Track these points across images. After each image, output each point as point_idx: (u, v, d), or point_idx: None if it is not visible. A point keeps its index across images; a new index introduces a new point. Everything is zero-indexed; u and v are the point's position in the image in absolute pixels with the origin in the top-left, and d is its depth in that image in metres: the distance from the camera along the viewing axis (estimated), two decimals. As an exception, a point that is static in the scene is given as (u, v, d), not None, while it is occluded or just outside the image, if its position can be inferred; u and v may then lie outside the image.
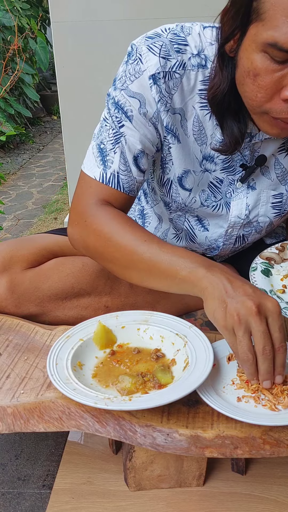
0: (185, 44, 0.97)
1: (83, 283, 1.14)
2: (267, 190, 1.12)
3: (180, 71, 0.97)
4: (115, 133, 1.02)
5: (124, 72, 1.00)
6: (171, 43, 0.97)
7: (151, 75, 0.96)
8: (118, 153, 1.02)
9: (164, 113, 1.00)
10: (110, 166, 1.02)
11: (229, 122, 0.98)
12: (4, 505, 0.98)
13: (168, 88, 0.98)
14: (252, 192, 1.12)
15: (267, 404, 0.85)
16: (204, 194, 1.11)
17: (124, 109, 1.00)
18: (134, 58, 0.97)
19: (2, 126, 2.11)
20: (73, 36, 1.99)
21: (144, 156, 1.03)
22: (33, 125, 5.56)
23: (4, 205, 3.29)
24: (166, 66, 0.96)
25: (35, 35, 4.07)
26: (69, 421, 0.88)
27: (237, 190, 1.12)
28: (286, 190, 1.13)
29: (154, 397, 0.83)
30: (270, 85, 0.84)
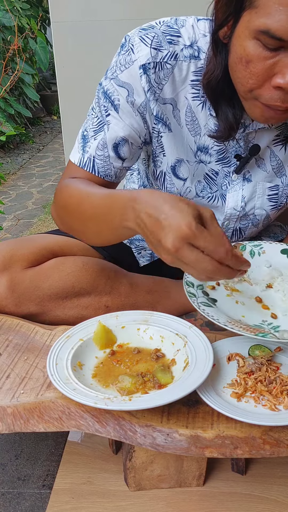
0: (177, 35, 0.99)
1: (84, 282, 1.14)
2: (263, 182, 1.13)
3: (172, 61, 0.99)
4: (100, 121, 1.06)
5: (116, 63, 1.02)
6: (163, 34, 0.98)
7: (142, 65, 0.98)
8: (98, 139, 1.06)
9: (154, 102, 1.01)
10: (88, 151, 1.07)
11: (223, 108, 0.99)
12: (4, 505, 0.98)
13: (159, 79, 1.00)
14: (248, 184, 1.12)
15: (267, 404, 0.85)
16: (200, 185, 1.12)
17: (112, 98, 1.03)
18: (126, 49, 1.00)
19: (2, 126, 2.11)
20: (73, 36, 1.99)
21: (126, 144, 1.05)
22: (33, 125, 5.56)
23: (4, 205, 3.29)
24: (157, 56, 0.98)
25: (35, 35, 4.07)
26: (69, 421, 0.88)
27: (232, 182, 1.12)
28: (282, 182, 1.13)
29: (154, 397, 0.83)
30: (262, 72, 0.85)
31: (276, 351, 0.97)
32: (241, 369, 0.92)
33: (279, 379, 0.89)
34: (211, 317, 0.87)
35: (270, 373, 0.91)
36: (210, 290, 0.98)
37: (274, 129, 1.07)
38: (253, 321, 0.92)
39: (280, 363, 0.94)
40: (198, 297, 0.95)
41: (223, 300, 0.97)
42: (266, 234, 1.34)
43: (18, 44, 2.36)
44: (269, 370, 0.91)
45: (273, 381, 0.89)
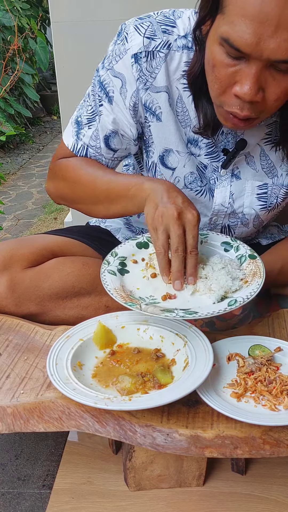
0: (172, 26, 1.00)
1: (84, 282, 1.14)
2: (252, 181, 1.13)
3: (165, 50, 1.00)
4: (93, 111, 1.09)
5: (112, 52, 1.04)
6: (158, 24, 1.00)
7: (134, 54, 1.00)
8: (92, 129, 1.11)
9: (143, 91, 1.03)
10: (82, 139, 1.13)
11: (204, 104, 0.99)
12: (4, 505, 0.98)
13: (151, 67, 1.01)
14: (236, 181, 1.12)
15: (267, 404, 0.85)
16: (192, 176, 1.12)
17: (107, 89, 1.06)
18: (121, 38, 1.02)
19: (2, 126, 2.11)
20: (73, 36, 1.99)
21: (116, 136, 1.10)
22: (33, 125, 5.56)
23: (4, 205, 3.29)
24: (149, 46, 1.00)
25: (35, 35, 4.07)
26: (69, 421, 0.88)
27: (221, 178, 1.12)
28: (273, 182, 1.13)
29: (154, 397, 0.83)
30: (224, 79, 0.86)
31: (276, 351, 0.97)
32: (241, 369, 0.92)
33: (279, 379, 0.89)
34: (104, 282, 0.96)
35: (270, 373, 0.91)
36: (131, 263, 1.03)
37: (265, 126, 1.07)
38: (141, 294, 0.95)
39: (280, 363, 0.94)
40: (110, 265, 1.01)
41: (134, 273, 1.01)
42: (263, 235, 1.34)
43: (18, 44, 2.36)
44: (269, 370, 0.91)
45: (273, 381, 0.89)
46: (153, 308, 0.89)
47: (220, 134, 1.06)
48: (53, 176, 1.18)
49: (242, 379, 0.90)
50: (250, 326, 1.10)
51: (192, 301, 0.93)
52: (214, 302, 0.92)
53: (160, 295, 0.94)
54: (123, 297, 0.91)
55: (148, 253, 1.05)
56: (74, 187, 1.12)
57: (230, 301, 0.91)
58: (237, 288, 0.95)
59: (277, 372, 0.92)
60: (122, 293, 0.93)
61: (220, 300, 0.93)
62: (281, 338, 1.02)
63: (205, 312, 0.88)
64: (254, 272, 0.98)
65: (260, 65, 0.82)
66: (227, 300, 0.92)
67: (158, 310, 0.89)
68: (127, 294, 0.94)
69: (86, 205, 1.13)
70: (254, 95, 0.84)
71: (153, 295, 0.95)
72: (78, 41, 1.98)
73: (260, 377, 0.89)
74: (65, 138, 1.16)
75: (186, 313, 0.88)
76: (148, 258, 1.03)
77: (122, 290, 0.94)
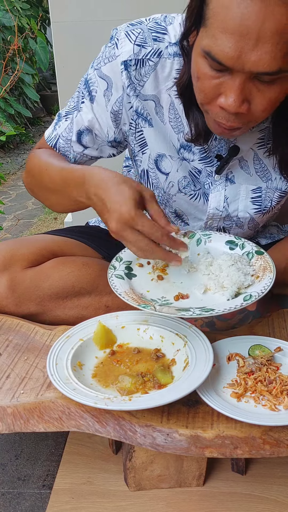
0: (164, 33, 1.00)
1: (84, 282, 1.14)
2: (246, 185, 1.13)
3: (155, 59, 1.01)
4: (74, 106, 1.12)
5: (103, 54, 1.05)
6: (149, 31, 1.00)
7: (123, 61, 1.01)
8: (68, 122, 1.13)
9: (134, 97, 1.04)
10: (56, 129, 1.15)
11: (195, 113, 0.99)
12: (4, 505, 0.98)
13: (140, 75, 1.02)
14: (231, 185, 1.13)
15: (267, 404, 0.85)
16: (185, 181, 1.13)
17: (91, 88, 1.08)
18: (112, 42, 1.03)
19: (2, 126, 2.11)
20: (73, 36, 1.99)
21: (90, 134, 1.12)
22: (33, 125, 5.56)
23: (4, 205, 3.29)
24: (139, 53, 1.00)
25: (35, 35, 4.07)
26: (69, 421, 0.88)
27: (215, 182, 1.12)
28: (267, 186, 1.13)
29: (154, 397, 0.83)
30: (208, 90, 0.87)
31: (276, 351, 0.97)
32: (241, 369, 0.92)
33: (279, 379, 0.89)
34: (113, 286, 0.95)
35: (270, 373, 0.91)
36: (137, 267, 1.03)
37: (257, 132, 1.07)
38: (152, 296, 0.95)
39: (280, 363, 0.94)
40: (116, 270, 1.01)
41: (142, 276, 1.01)
42: (263, 235, 1.34)
43: (18, 44, 2.36)
44: (269, 370, 0.91)
45: (273, 381, 0.89)
46: (167, 308, 0.89)
47: (213, 140, 1.06)
48: (25, 172, 1.21)
49: (242, 379, 0.90)
50: (250, 326, 1.10)
51: (205, 299, 0.93)
52: (228, 299, 0.92)
53: (172, 295, 0.94)
54: (135, 299, 0.91)
55: None
56: (34, 177, 1.15)
57: (245, 296, 0.91)
58: (250, 284, 0.95)
59: (277, 372, 0.92)
60: (133, 295, 0.92)
61: (234, 296, 0.93)
62: (281, 338, 1.02)
63: (222, 308, 0.88)
64: (264, 267, 0.98)
65: (244, 77, 0.82)
66: (242, 296, 0.91)
67: (173, 309, 0.89)
68: (139, 296, 0.93)
69: (45, 198, 1.15)
70: (239, 107, 0.84)
71: (165, 296, 0.94)
72: (78, 41, 1.98)
73: (260, 377, 0.89)
74: (46, 130, 1.20)
75: (203, 310, 0.88)
76: (154, 261, 1.03)
77: (133, 293, 0.94)
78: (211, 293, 0.95)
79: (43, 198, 1.17)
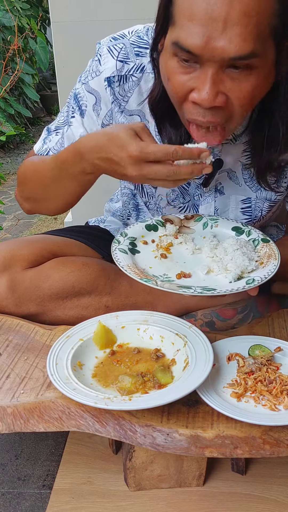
0: (146, 47, 1.00)
1: (84, 282, 1.14)
2: (236, 195, 1.12)
3: (138, 74, 1.00)
4: (64, 121, 1.11)
5: (90, 68, 1.05)
6: (131, 46, 1.00)
7: (106, 78, 1.01)
8: (59, 136, 1.12)
9: (119, 114, 1.04)
10: (47, 143, 1.14)
11: (168, 128, 0.98)
12: (4, 505, 0.98)
13: (123, 91, 1.02)
14: (220, 196, 1.12)
15: (267, 404, 0.85)
16: (173, 194, 1.13)
17: (80, 103, 1.07)
18: (97, 58, 1.03)
19: (2, 126, 2.11)
20: (73, 36, 1.99)
21: None
22: (33, 125, 5.55)
23: (4, 205, 3.28)
24: (122, 69, 1.00)
25: (35, 35, 4.07)
26: (69, 421, 0.88)
27: (204, 194, 1.12)
28: (257, 196, 1.12)
29: (154, 397, 0.84)
30: (180, 87, 0.85)
31: (276, 351, 0.97)
32: (241, 369, 0.92)
33: (279, 379, 0.89)
34: (116, 259, 0.94)
35: (270, 373, 0.91)
36: (142, 244, 1.03)
37: (241, 144, 1.05)
38: (155, 272, 0.95)
39: (280, 363, 0.94)
40: (120, 244, 1.01)
41: (145, 253, 1.01)
42: None
43: (18, 44, 2.36)
44: (269, 370, 0.91)
45: (273, 381, 0.89)
46: (169, 284, 0.89)
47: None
48: (17, 182, 1.18)
49: (242, 379, 0.90)
50: (250, 326, 1.10)
51: (207, 280, 0.93)
52: (230, 281, 0.92)
53: (174, 274, 0.94)
54: (137, 273, 0.91)
55: (158, 235, 1.05)
56: (27, 180, 1.12)
57: (248, 280, 0.91)
58: (253, 269, 0.95)
59: (277, 372, 0.92)
60: (135, 269, 0.92)
61: (236, 280, 0.93)
62: (281, 338, 1.02)
63: (224, 289, 0.88)
64: (269, 255, 0.98)
65: (215, 67, 0.80)
66: (245, 279, 0.92)
67: (175, 286, 0.89)
68: (141, 271, 0.93)
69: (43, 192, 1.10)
70: (213, 100, 0.82)
71: (167, 273, 0.95)
72: (78, 41, 1.98)
73: (260, 377, 0.89)
74: (35, 146, 1.18)
75: (204, 289, 0.88)
76: (158, 239, 1.03)
77: (135, 267, 0.94)
78: (213, 275, 0.95)
79: (44, 196, 1.13)
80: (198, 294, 0.87)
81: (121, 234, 1.04)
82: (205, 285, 0.91)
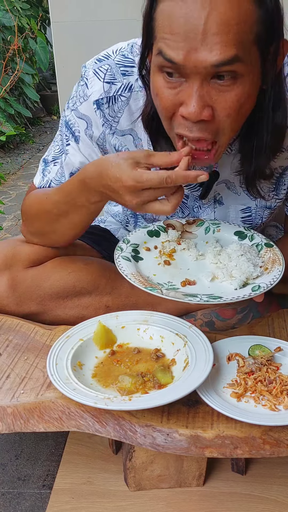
0: (132, 66, 0.99)
1: (85, 282, 1.14)
2: (235, 205, 1.12)
3: (126, 93, 1.00)
4: (60, 149, 1.10)
5: (76, 93, 1.05)
6: (117, 66, 1.00)
7: (95, 101, 1.01)
8: (57, 166, 1.12)
9: (110, 135, 1.04)
10: (47, 175, 1.13)
11: (162, 146, 0.97)
12: (4, 505, 0.98)
13: (113, 112, 1.01)
14: (220, 206, 1.12)
15: (267, 404, 0.85)
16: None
17: (72, 129, 1.07)
18: (83, 82, 1.02)
19: (2, 126, 2.11)
20: (73, 36, 1.99)
21: None
22: (33, 125, 5.55)
23: (4, 205, 3.28)
24: (110, 91, 1.00)
25: (35, 35, 4.07)
26: (69, 421, 0.88)
27: (203, 206, 1.12)
28: (256, 204, 1.12)
29: (154, 397, 0.84)
30: (168, 103, 0.84)
31: (276, 351, 0.97)
32: (241, 369, 0.92)
33: (279, 379, 0.89)
34: (120, 267, 0.94)
35: (270, 373, 0.91)
36: (144, 251, 1.03)
37: (237, 154, 1.03)
38: (159, 280, 0.94)
39: (280, 363, 0.94)
40: (123, 251, 1.00)
41: (148, 260, 1.00)
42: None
43: (18, 44, 2.36)
44: (269, 370, 0.91)
45: (273, 381, 0.89)
46: (174, 293, 0.89)
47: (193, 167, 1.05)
48: (22, 220, 1.17)
49: (242, 379, 0.90)
50: (250, 326, 1.10)
51: (212, 287, 0.92)
52: (236, 288, 0.92)
53: (179, 281, 0.93)
54: (142, 282, 0.90)
55: (160, 241, 1.05)
56: (33, 216, 1.11)
57: (253, 287, 0.90)
58: (258, 275, 0.95)
59: (277, 372, 0.92)
60: (140, 278, 0.92)
61: (241, 286, 0.92)
62: (281, 338, 1.02)
63: (230, 297, 0.88)
64: (273, 260, 0.98)
65: (200, 80, 0.80)
66: (250, 286, 0.91)
67: (180, 294, 0.88)
68: (145, 279, 0.93)
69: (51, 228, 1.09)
70: (200, 113, 0.81)
71: (171, 281, 0.94)
72: (78, 41, 1.98)
73: (260, 377, 0.89)
74: (34, 179, 1.17)
75: (211, 297, 0.87)
76: (161, 246, 1.03)
77: (140, 275, 0.93)
78: (218, 282, 0.95)
79: (51, 233, 1.11)
80: (205, 303, 0.86)
81: (124, 241, 1.03)
82: (210, 292, 0.90)
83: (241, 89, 0.81)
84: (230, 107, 0.82)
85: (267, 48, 0.82)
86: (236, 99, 0.82)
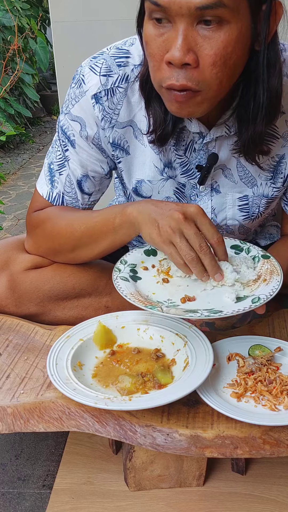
0: (127, 56, 1.00)
1: (84, 283, 1.14)
2: (232, 193, 1.11)
3: (123, 84, 1.00)
4: (61, 156, 1.09)
5: (68, 96, 1.05)
6: (112, 59, 1.00)
7: (93, 95, 1.01)
8: (64, 175, 1.10)
9: (109, 129, 1.03)
10: (57, 187, 1.12)
11: (155, 106, 0.97)
12: (4, 505, 0.98)
13: (113, 104, 1.01)
14: (216, 195, 1.12)
15: (267, 404, 0.85)
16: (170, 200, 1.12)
17: (67, 134, 1.07)
18: (77, 81, 1.02)
19: (2, 126, 2.11)
20: (73, 36, 1.99)
21: (88, 179, 1.10)
22: (33, 125, 5.55)
23: (4, 205, 3.28)
24: (107, 83, 1.00)
25: (35, 35, 4.07)
26: (69, 421, 0.88)
27: (200, 194, 1.11)
28: (253, 192, 1.12)
29: (154, 397, 0.84)
30: (156, 51, 0.84)
31: (276, 351, 0.97)
32: (241, 369, 0.92)
33: (279, 379, 0.89)
34: (119, 288, 0.94)
35: (270, 373, 0.91)
36: (142, 270, 1.02)
37: (233, 136, 1.02)
38: (159, 298, 0.94)
39: (280, 363, 0.94)
40: (121, 272, 1.00)
41: (147, 279, 1.00)
42: (262, 235, 1.33)
43: (18, 44, 2.36)
44: (269, 370, 0.91)
45: (273, 381, 0.89)
46: (175, 310, 0.89)
47: (192, 151, 1.05)
48: (31, 232, 1.15)
49: (242, 379, 0.90)
50: (250, 326, 1.10)
51: (212, 302, 0.92)
52: (234, 301, 0.91)
53: (178, 298, 0.93)
54: (141, 301, 0.90)
55: (158, 260, 1.04)
56: (53, 238, 1.10)
57: (253, 299, 0.90)
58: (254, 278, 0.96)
59: (277, 372, 0.92)
60: (139, 297, 0.92)
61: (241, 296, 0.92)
62: (281, 338, 1.02)
63: (230, 310, 0.87)
64: (271, 271, 0.98)
65: (185, 23, 0.79)
66: (250, 298, 0.91)
67: (180, 311, 0.88)
68: (145, 298, 0.93)
69: (70, 253, 1.10)
70: (184, 56, 0.80)
71: (171, 298, 0.94)
72: (78, 41, 1.98)
73: (260, 377, 0.89)
74: (39, 187, 1.15)
75: (211, 312, 0.87)
76: (159, 264, 1.02)
77: (139, 295, 0.93)
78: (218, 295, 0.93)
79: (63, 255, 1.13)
80: (205, 318, 0.87)
81: (121, 262, 1.03)
82: (210, 307, 0.90)
83: (227, 36, 0.81)
84: (216, 53, 0.81)
85: (259, 5, 0.82)
86: (222, 46, 0.81)
